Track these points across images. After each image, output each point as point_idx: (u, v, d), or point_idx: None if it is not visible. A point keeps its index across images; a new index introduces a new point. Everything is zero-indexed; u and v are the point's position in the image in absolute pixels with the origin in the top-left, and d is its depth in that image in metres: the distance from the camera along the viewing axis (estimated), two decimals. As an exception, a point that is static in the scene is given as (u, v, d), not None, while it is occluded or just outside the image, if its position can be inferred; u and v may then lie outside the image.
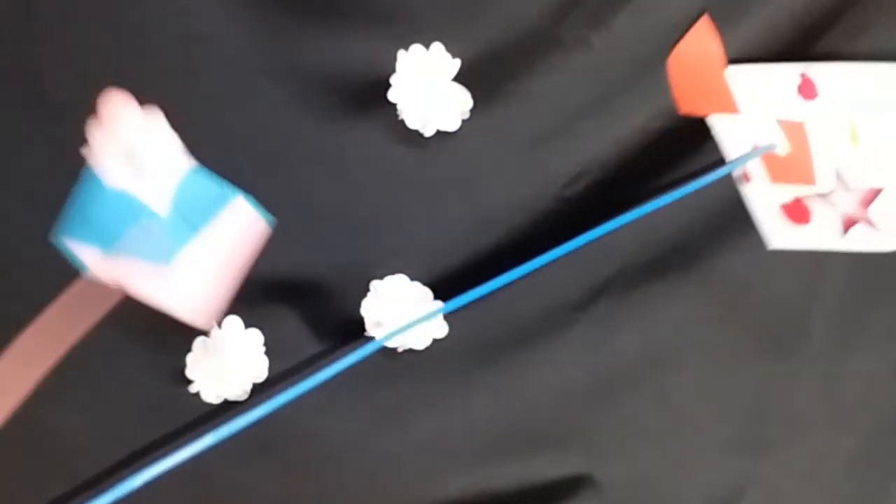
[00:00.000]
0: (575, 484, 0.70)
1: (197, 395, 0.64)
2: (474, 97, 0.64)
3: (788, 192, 0.65)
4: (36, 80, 0.64)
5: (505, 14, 0.65)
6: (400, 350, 0.66)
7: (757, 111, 0.63)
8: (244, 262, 0.56)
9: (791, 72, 0.63)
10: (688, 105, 0.65)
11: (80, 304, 0.56)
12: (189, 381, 0.64)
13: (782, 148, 0.63)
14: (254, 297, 0.66)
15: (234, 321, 0.65)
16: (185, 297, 0.56)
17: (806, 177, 0.63)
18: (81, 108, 0.64)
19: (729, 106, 0.63)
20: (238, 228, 0.56)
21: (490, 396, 0.69)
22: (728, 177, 0.67)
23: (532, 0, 0.65)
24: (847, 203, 0.62)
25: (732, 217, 0.68)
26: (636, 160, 0.68)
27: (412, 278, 0.66)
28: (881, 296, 0.69)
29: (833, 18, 0.66)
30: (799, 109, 0.62)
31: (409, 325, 0.62)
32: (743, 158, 0.64)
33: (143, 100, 0.53)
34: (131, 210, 0.55)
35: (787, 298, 0.69)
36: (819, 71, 0.62)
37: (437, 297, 0.66)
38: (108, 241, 0.55)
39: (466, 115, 0.65)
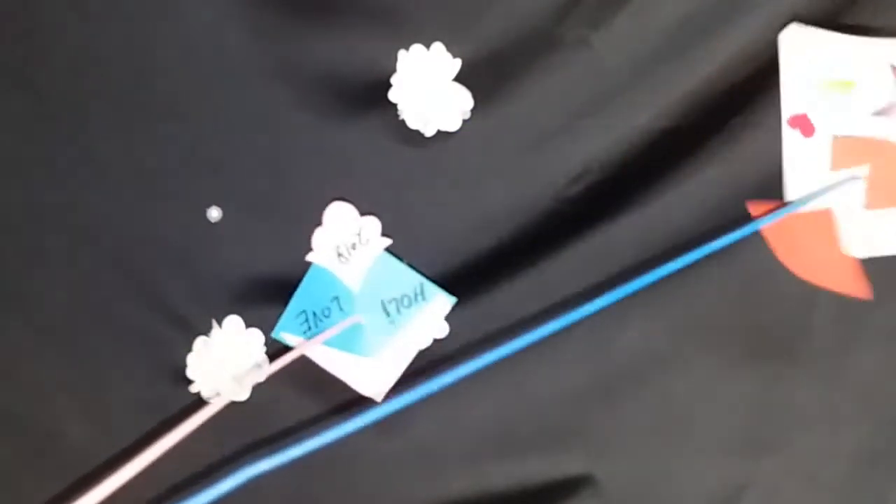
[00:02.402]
0: (575, 484, 0.70)
1: (197, 395, 0.64)
2: (475, 97, 0.64)
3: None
4: (36, 81, 0.64)
5: (505, 14, 0.65)
6: (400, 350, 0.66)
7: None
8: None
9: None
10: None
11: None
12: (189, 381, 0.64)
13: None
14: (254, 297, 0.66)
15: (234, 321, 0.65)
16: (373, 380, 0.64)
17: None
18: (81, 108, 0.64)
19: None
20: (433, 323, 0.64)
21: (490, 396, 0.69)
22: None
23: (532, 0, 0.65)
24: None
25: (732, 218, 0.68)
26: (637, 160, 0.68)
27: (412, 278, 0.66)
28: (882, 295, 0.69)
29: (833, 18, 0.66)
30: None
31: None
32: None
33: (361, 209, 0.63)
34: (333, 289, 0.64)
35: (788, 298, 0.69)
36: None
37: (437, 297, 0.66)
38: (312, 322, 0.65)
39: (467, 115, 0.64)
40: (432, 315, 0.64)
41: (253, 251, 0.67)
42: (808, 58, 0.63)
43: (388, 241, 0.64)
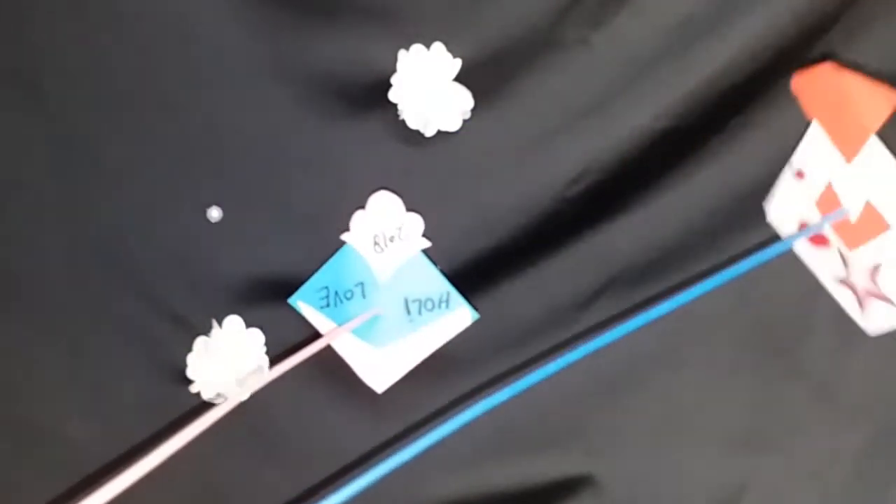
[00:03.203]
0: (575, 484, 0.70)
1: (197, 395, 0.64)
2: (475, 97, 0.64)
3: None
4: (36, 80, 0.64)
5: (506, 14, 0.65)
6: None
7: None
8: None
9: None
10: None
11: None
12: (189, 381, 0.64)
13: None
14: (254, 297, 0.66)
15: (235, 321, 0.65)
16: (379, 372, 0.64)
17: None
18: (81, 109, 0.64)
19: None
20: (449, 333, 0.64)
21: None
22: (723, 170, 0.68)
23: (532, 0, 0.65)
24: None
25: (732, 218, 0.68)
26: (637, 160, 0.68)
27: (413, 278, 0.66)
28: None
29: (834, 18, 0.66)
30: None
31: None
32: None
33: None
34: (359, 272, 0.64)
35: (789, 297, 0.69)
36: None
37: (437, 296, 0.66)
38: (332, 299, 0.65)
39: (467, 115, 0.64)
40: (451, 325, 0.64)
41: (253, 251, 0.67)
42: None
43: (427, 244, 0.64)
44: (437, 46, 0.63)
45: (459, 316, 0.64)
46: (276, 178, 0.66)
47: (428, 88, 0.63)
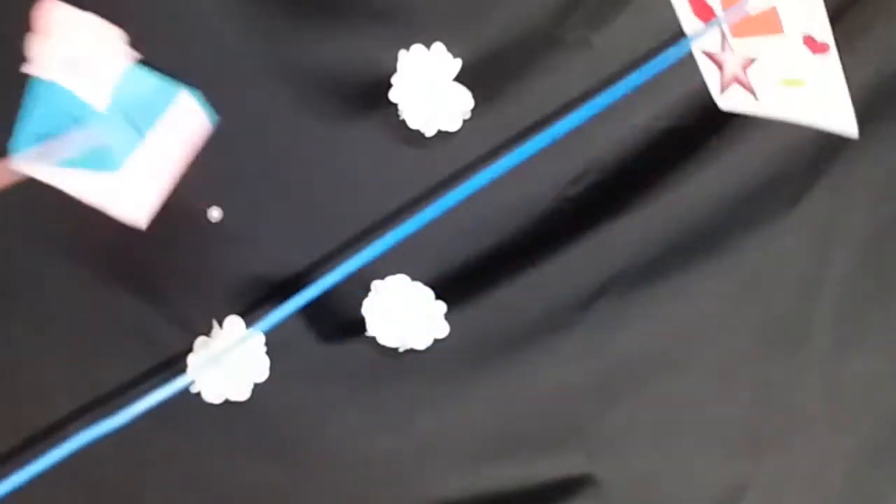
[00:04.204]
0: (576, 484, 0.70)
1: (198, 395, 0.64)
2: (475, 97, 0.64)
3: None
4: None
5: (506, 14, 0.65)
6: (401, 350, 0.66)
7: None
8: (186, 158, 0.55)
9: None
10: None
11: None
12: (190, 381, 0.64)
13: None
14: (254, 297, 0.66)
15: (235, 321, 0.65)
16: (130, 200, 0.56)
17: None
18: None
19: None
20: (183, 127, 0.56)
21: (491, 396, 0.69)
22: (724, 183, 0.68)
23: (533, 1, 0.65)
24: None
25: (733, 217, 0.68)
26: (637, 160, 0.68)
27: (413, 278, 0.66)
28: (882, 296, 0.69)
29: (834, 19, 0.65)
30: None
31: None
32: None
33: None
34: (72, 108, 0.55)
35: (789, 298, 0.69)
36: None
37: (438, 296, 0.66)
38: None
39: (468, 115, 0.64)
40: (179, 120, 0.55)
41: (253, 251, 0.67)
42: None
43: (135, 54, 0.55)
44: (438, 47, 0.63)
45: (183, 102, 0.55)
46: (276, 178, 0.66)
47: (428, 88, 0.63)
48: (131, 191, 0.56)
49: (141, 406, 0.54)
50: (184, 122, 0.56)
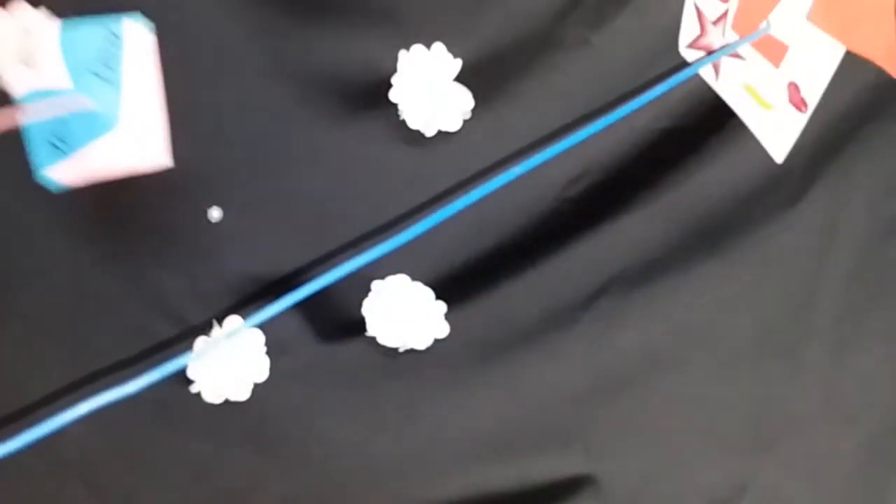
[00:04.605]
0: (576, 484, 0.70)
1: (198, 395, 0.64)
2: (475, 97, 0.64)
3: None
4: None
5: (506, 14, 0.65)
6: (401, 350, 0.66)
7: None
8: (158, 76, 0.55)
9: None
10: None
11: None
12: (190, 381, 0.64)
13: None
14: (254, 297, 0.66)
15: (235, 321, 0.65)
16: (145, 147, 0.56)
17: None
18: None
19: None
20: (144, 52, 0.55)
21: (491, 396, 0.69)
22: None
23: (533, 1, 0.65)
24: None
25: (732, 217, 0.68)
26: (637, 160, 0.68)
27: (414, 278, 0.66)
28: (882, 296, 0.69)
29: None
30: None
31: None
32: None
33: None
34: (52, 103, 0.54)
35: (789, 298, 0.69)
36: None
37: (438, 297, 0.66)
38: (59, 143, 0.55)
39: (468, 115, 0.64)
40: (136, 48, 0.55)
41: (253, 251, 0.67)
42: None
43: (56, 20, 0.54)
44: (438, 47, 0.63)
45: (131, 32, 0.55)
46: (276, 177, 0.66)
47: (428, 88, 0.63)
48: (141, 138, 0.56)
49: (138, 384, 0.54)
50: (142, 47, 0.55)
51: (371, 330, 0.65)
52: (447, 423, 0.69)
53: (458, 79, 0.64)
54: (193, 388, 0.64)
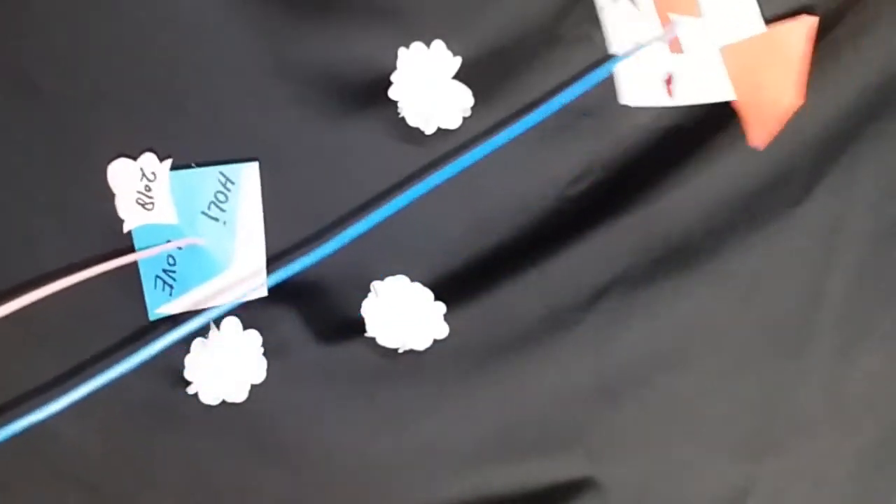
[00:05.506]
0: (577, 487, 0.70)
1: (195, 396, 0.64)
2: (475, 95, 0.64)
3: None
4: (34, 80, 0.63)
5: (506, 11, 0.65)
6: (401, 351, 0.65)
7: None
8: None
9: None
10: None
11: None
12: (188, 383, 0.64)
13: None
14: (253, 298, 0.66)
15: (233, 322, 0.64)
16: (250, 280, 0.63)
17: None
18: (80, 107, 0.64)
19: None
20: (253, 195, 0.62)
21: (492, 397, 0.69)
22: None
23: (533, -3, 0.65)
24: None
25: (736, 217, 0.68)
26: (639, 160, 0.67)
27: (413, 279, 0.66)
28: (888, 296, 0.69)
29: (838, 17, 0.65)
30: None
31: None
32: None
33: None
34: (156, 238, 0.61)
35: (793, 298, 0.69)
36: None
37: (438, 298, 0.65)
38: (168, 279, 0.63)
39: (468, 114, 0.64)
40: (250, 190, 0.62)
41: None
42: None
43: (168, 162, 0.62)
44: (438, 44, 0.63)
45: (247, 176, 0.62)
46: (275, 176, 0.66)
47: (428, 86, 0.63)
48: (247, 278, 0.63)
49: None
50: (253, 191, 0.63)
51: (370, 331, 0.65)
52: (447, 425, 0.69)
53: (458, 76, 0.63)
54: (190, 390, 0.64)
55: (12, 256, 0.65)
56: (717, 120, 0.66)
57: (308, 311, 0.67)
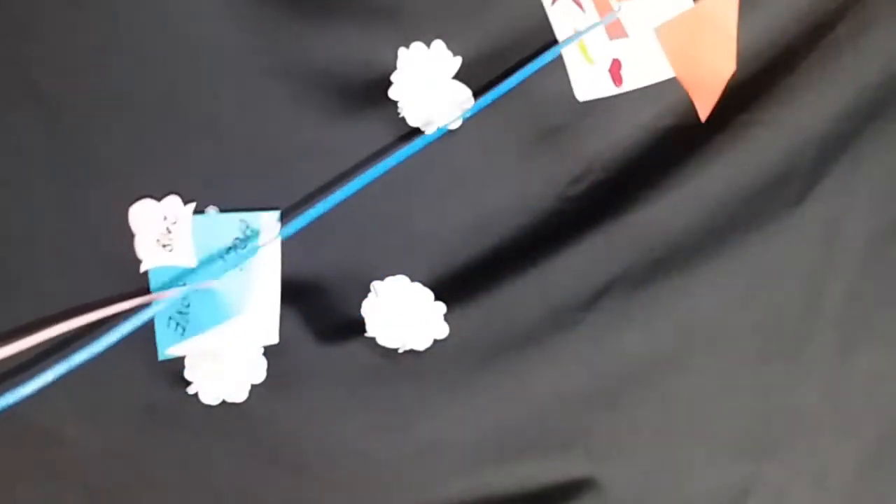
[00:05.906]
0: (577, 487, 0.70)
1: (195, 395, 0.64)
2: (475, 95, 0.64)
3: None
4: (34, 80, 0.63)
5: (506, 12, 0.65)
6: (401, 351, 0.65)
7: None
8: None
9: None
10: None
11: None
12: (188, 382, 0.64)
13: None
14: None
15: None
16: (260, 332, 0.63)
17: None
18: (80, 107, 0.64)
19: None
20: (272, 244, 0.62)
21: (492, 398, 0.68)
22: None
23: (533, -2, 0.65)
24: None
25: (736, 217, 0.68)
26: (639, 159, 0.67)
27: (413, 279, 0.65)
28: (887, 297, 0.69)
29: (839, 16, 0.65)
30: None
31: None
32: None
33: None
34: (172, 279, 0.62)
35: (793, 298, 0.69)
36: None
37: (438, 298, 0.65)
38: (180, 320, 0.63)
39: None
40: (269, 238, 0.63)
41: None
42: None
43: (191, 205, 0.62)
44: (438, 44, 0.63)
45: (267, 225, 0.63)
46: (276, 177, 0.66)
47: (428, 86, 0.63)
48: (259, 325, 0.63)
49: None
50: (273, 243, 0.63)
51: (370, 331, 0.65)
52: (447, 425, 0.69)
53: (459, 76, 0.63)
54: (191, 389, 0.64)
55: (13, 261, 0.65)
56: (717, 120, 0.66)
57: (308, 311, 0.67)
